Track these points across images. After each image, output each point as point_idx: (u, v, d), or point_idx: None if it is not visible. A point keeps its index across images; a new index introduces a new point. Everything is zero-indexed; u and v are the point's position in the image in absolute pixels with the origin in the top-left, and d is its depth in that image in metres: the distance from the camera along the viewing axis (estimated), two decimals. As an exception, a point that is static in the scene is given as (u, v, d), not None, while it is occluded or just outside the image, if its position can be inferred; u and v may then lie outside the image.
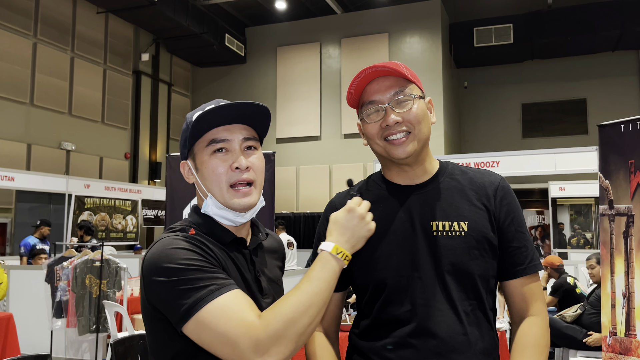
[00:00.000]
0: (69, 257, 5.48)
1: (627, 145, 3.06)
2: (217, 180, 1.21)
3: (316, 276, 1.12)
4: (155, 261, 1.08)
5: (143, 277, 1.12)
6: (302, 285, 1.11)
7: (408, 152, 1.30)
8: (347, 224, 1.21)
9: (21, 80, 10.16)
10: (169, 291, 1.05)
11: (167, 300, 1.06)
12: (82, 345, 5.58)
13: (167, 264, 1.06)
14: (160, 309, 1.08)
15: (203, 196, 1.24)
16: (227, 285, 1.06)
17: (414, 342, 1.25)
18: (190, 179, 1.27)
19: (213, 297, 1.03)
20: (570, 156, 6.11)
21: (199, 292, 1.03)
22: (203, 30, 12.69)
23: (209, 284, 1.04)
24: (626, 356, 2.97)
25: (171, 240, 1.12)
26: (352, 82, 1.32)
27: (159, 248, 1.11)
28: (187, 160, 1.26)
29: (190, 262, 1.07)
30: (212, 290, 1.04)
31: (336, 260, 1.16)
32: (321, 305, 1.10)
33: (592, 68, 14.09)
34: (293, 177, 13.53)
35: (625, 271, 3.01)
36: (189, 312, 1.03)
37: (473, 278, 1.28)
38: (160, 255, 1.09)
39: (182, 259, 1.07)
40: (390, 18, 13.26)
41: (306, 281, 1.11)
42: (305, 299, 1.07)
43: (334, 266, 1.15)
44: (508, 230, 1.34)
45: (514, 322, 1.38)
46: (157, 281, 1.06)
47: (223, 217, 1.23)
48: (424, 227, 1.31)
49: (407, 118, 1.29)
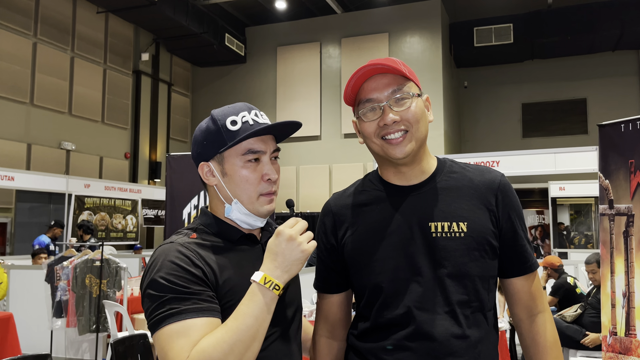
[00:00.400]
0: (69, 257, 5.48)
1: (627, 145, 3.05)
2: (248, 188, 1.23)
3: (243, 311, 1.10)
4: (149, 268, 1.16)
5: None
6: (228, 322, 1.09)
7: (406, 151, 1.27)
8: (276, 249, 1.16)
9: (21, 80, 10.16)
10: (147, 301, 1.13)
11: (144, 307, 1.14)
12: (82, 345, 5.58)
13: (154, 275, 1.13)
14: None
15: (225, 200, 1.25)
16: (190, 312, 1.08)
17: (412, 345, 1.24)
18: (211, 181, 1.26)
19: (171, 321, 1.08)
20: (570, 156, 6.11)
21: (163, 311, 1.09)
22: (203, 30, 12.69)
23: (175, 306, 1.09)
24: (626, 356, 2.97)
25: (169, 248, 1.17)
26: (350, 80, 1.30)
27: (158, 253, 1.17)
28: (210, 162, 1.26)
29: (170, 278, 1.11)
30: (173, 313, 1.08)
31: (263, 292, 1.12)
32: (249, 341, 1.08)
33: (592, 68, 14.09)
34: (293, 176, 13.54)
35: (625, 271, 3.01)
36: (152, 327, 1.10)
37: (473, 280, 1.27)
38: (154, 263, 1.15)
39: (164, 274, 1.11)
40: (391, 18, 13.26)
41: (232, 318, 1.10)
42: (229, 338, 1.06)
43: (261, 299, 1.11)
44: (510, 229, 1.33)
45: (519, 318, 1.38)
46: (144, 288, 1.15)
47: (245, 222, 1.25)
48: (422, 228, 1.28)
49: (405, 117, 1.27)
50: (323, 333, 1.42)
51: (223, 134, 1.23)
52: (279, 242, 1.16)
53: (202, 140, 1.26)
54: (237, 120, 1.24)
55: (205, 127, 1.27)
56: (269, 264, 1.16)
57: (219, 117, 1.25)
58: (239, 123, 1.23)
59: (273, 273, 1.14)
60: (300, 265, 1.17)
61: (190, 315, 1.08)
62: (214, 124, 1.25)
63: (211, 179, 1.26)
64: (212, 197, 1.29)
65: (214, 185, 1.26)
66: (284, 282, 1.15)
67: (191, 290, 1.10)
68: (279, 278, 1.14)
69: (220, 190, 1.26)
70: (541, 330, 1.34)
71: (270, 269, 1.15)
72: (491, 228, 1.30)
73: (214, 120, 1.25)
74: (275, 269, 1.15)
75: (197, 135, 1.29)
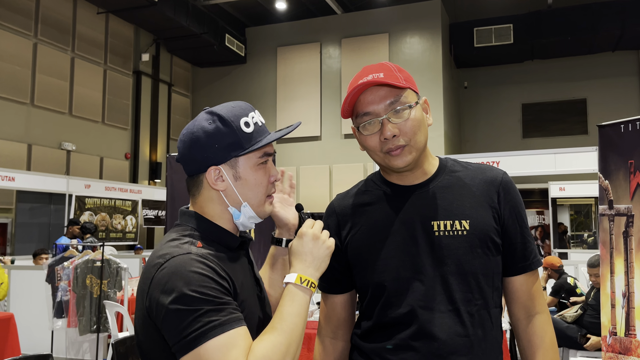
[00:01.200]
0: (69, 257, 5.49)
1: (627, 146, 3.06)
2: (260, 191, 1.22)
3: (288, 312, 1.12)
4: (168, 283, 1.05)
5: (149, 292, 1.08)
6: (277, 324, 1.10)
7: (407, 161, 1.28)
8: (303, 249, 1.19)
9: (21, 80, 10.16)
10: (176, 318, 1.03)
11: (171, 325, 1.04)
12: (82, 345, 5.59)
13: (180, 288, 1.03)
14: (162, 330, 1.07)
15: (231, 204, 1.20)
16: (232, 322, 1.05)
17: (415, 345, 1.24)
18: (219, 186, 1.19)
19: (215, 334, 1.02)
20: (570, 156, 6.12)
21: (203, 326, 1.02)
22: (203, 30, 12.69)
23: (215, 318, 1.03)
24: (626, 356, 2.97)
25: (187, 260, 1.08)
26: (347, 96, 1.29)
27: (172, 269, 1.07)
28: (222, 166, 1.19)
29: (203, 290, 1.04)
30: (215, 326, 1.02)
31: (302, 290, 1.15)
32: (299, 340, 1.11)
33: (592, 68, 14.09)
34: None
35: (625, 271, 3.01)
36: (190, 344, 1.02)
37: (477, 277, 1.27)
38: (174, 277, 1.05)
39: (196, 286, 1.04)
40: (391, 18, 13.26)
41: (280, 319, 1.11)
42: (283, 339, 1.07)
43: (302, 297, 1.14)
44: (512, 226, 1.33)
45: (517, 318, 1.37)
46: (165, 304, 1.04)
47: (245, 225, 1.24)
48: (424, 227, 1.28)
49: (403, 130, 1.27)
50: (327, 333, 1.43)
51: (239, 137, 1.18)
52: (305, 243, 1.20)
53: (212, 143, 1.17)
54: (249, 122, 1.20)
55: (214, 128, 1.17)
56: (299, 264, 1.18)
57: (231, 118, 1.18)
58: (251, 125, 1.20)
59: (306, 272, 1.17)
60: (327, 261, 1.20)
61: (233, 326, 1.04)
62: (226, 126, 1.17)
63: (220, 185, 1.19)
64: (210, 202, 1.21)
65: (219, 191, 1.20)
66: (316, 279, 1.18)
67: (225, 301, 1.06)
68: (312, 276, 1.18)
69: (228, 195, 1.20)
70: (538, 332, 1.33)
71: (302, 269, 1.17)
72: (494, 225, 1.30)
73: (225, 122, 1.17)
74: (307, 268, 1.18)
75: (200, 138, 1.17)
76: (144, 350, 1.16)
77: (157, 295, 1.06)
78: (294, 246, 1.21)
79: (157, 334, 1.10)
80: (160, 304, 1.05)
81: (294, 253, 1.21)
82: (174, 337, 1.04)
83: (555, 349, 1.34)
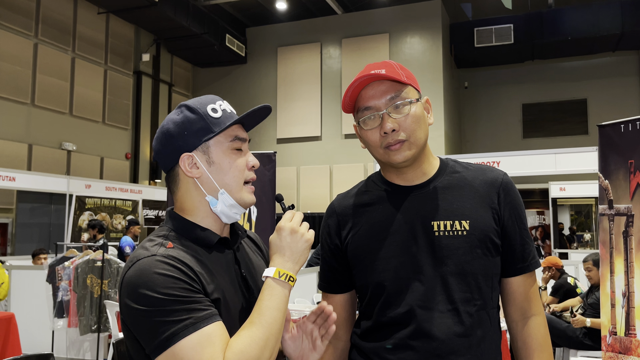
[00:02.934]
0: (70, 257, 5.49)
1: (627, 145, 3.06)
2: (237, 175, 1.20)
3: (267, 305, 1.11)
4: (133, 285, 1.05)
5: (120, 295, 1.09)
6: (256, 319, 1.09)
7: (406, 156, 1.29)
8: (281, 243, 1.18)
9: (22, 80, 10.17)
10: (145, 320, 1.03)
11: (142, 328, 1.04)
12: (83, 345, 5.59)
13: (145, 290, 1.03)
14: (135, 334, 1.07)
15: (208, 192, 1.20)
16: (204, 319, 1.04)
17: (414, 344, 1.24)
18: (194, 174, 1.19)
19: (187, 332, 1.02)
20: (570, 156, 6.12)
21: (174, 325, 1.02)
22: (204, 30, 12.70)
23: (185, 317, 1.02)
24: (626, 355, 2.98)
25: (151, 262, 1.07)
26: (348, 89, 1.30)
27: (138, 270, 1.07)
28: (193, 153, 1.19)
29: (169, 291, 1.03)
30: (186, 325, 1.02)
31: (281, 284, 1.14)
32: (278, 334, 1.10)
33: (593, 68, 14.10)
34: (293, 177, 13.54)
35: (625, 271, 3.02)
36: (162, 345, 1.02)
37: (477, 278, 1.27)
38: (139, 279, 1.05)
39: (161, 288, 1.03)
40: (391, 18, 13.27)
41: (258, 314, 1.10)
42: (262, 333, 1.07)
43: (280, 291, 1.13)
44: (512, 228, 1.33)
45: (512, 319, 1.37)
46: (134, 307, 1.04)
47: (227, 215, 1.21)
48: (424, 227, 1.29)
49: (403, 125, 1.28)
50: None
51: (207, 122, 1.18)
52: (283, 237, 1.19)
53: (181, 131, 1.19)
54: (216, 108, 1.21)
55: (182, 117, 1.20)
56: (278, 258, 1.17)
57: (198, 106, 1.20)
58: (219, 110, 1.21)
59: (284, 266, 1.16)
60: (306, 255, 1.19)
61: (206, 323, 1.04)
62: (194, 113, 1.19)
63: (194, 171, 1.19)
64: (187, 193, 1.21)
65: (194, 179, 1.20)
66: (295, 272, 1.17)
67: (194, 299, 1.05)
68: (291, 270, 1.17)
69: (204, 183, 1.20)
70: (533, 333, 1.33)
71: (280, 263, 1.17)
72: (493, 226, 1.30)
73: (192, 109, 1.20)
74: (285, 262, 1.17)
75: (170, 129, 1.20)
76: (130, 353, 1.16)
77: (126, 299, 1.06)
78: (272, 240, 1.20)
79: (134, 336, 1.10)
80: (129, 308, 1.05)
81: (272, 247, 1.20)
82: (145, 340, 1.04)
83: (550, 351, 1.35)
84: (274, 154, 5.27)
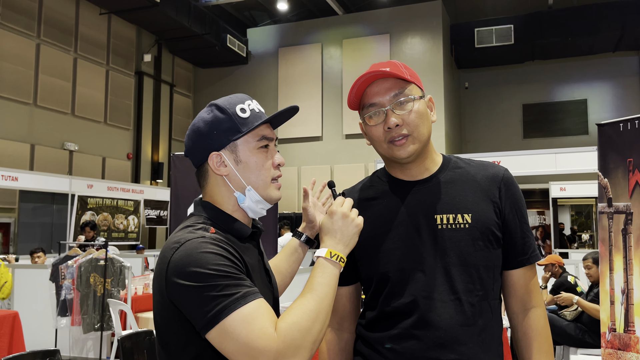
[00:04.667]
0: (73, 256, 5.53)
1: (626, 144, 3.10)
2: (264, 173, 1.25)
3: (319, 282, 1.16)
4: (184, 264, 1.08)
5: (166, 278, 1.11)
6: (307, 294, 1.14)
7: (409, 151, 1.33)
8: (333, 226, 1.25)
9: (24, 81, 10.21)
10: (196, 296, 1.06)
11: (192, 305, 1.07)
12: (86, 343, 5.63)
13: (196, 268, 1.07)
14: (184, 312, 1.09)
15: (236, 189, 1.24)
16: (252, 294, 1.08)
17: (417, 333, 1.28)
18: (222, 172, 1.24)
19: (238, 305, 1.05)
20: (570, 156, 6.14)
21: (225, 299, 1.05)
22: (205, 31, 12.74)
23: (235, 292, 1.06)
24: (625, 352, 3.01)
25: (199, 243, 1.11)
26: (353, 86, 1.35)
27: (186, 251, 1.10)
28: (222, 152, 1.24)
29: (218, 267, 1.07)
30: (237, 298, 1.05)
31: (332, 263, 1.20)
32: (328, 309, 1.14)
33: (593, 69, 14.12)
34: (295, 177, 13.57)
35: (624, 268, 3.05)
36: (214, 319, 1.04)
37: (479, 269, 1.31)
38: (190, 258, 1.08)
39: (212, 265, 1.07)
40: (392, 19, 13.30)
41: (310, 289, 1.15)
42: (313, 307, 1.11)
43: (332, 270, 1.19)
44: (512, 221, 1.37)
45: (513, 311, 1.41)
46: (183, 285, 1.07)
47: (253, 210, 1.26)
48: (428, 220, 1.33)
49: (407, 120, 1.32)
50: (332, 325, 1.46)
51: (236, 122, 1.23)
52: (335, 221, 1.25)
53: (210, 130, 1.23)
54: (245, 108, 1.25)
55: (212, 117, 1.24)
56: (329, 240, 1.24)
57: (227, 106, 1.24)
58: (247, 111, 1.25)
59: (336, 247, 1.22)
60: (356, 239, 1.25)
61: (254, 297, 1.07)
62: (223, 113, 1.23)
63: (222, 169, 1.24)
64: (217, 189, 1.26)
65: (223, 176, 1.24)
66: (345, 255, 1.23)
67: (241, 277, 1.10)
68: (342, 252, 1.23)
69: (232, 180, 1.24)
70: (534, 325, 1.37)
71: (332, 245, 1.23)
72: (495, 219, 1.34)
73: (222, 109, 1.24)
74: (337, 244, 1.23)
75: (200, 128, 1.24)
76: (162, 336, 1.18)
77: (175, 278, 1.09)
78: (324, 223, 1.26)
79: (176, 318, 1.12)
80: (179, 285, 1.08)
81: (324, 230, 1.26)
82: (196, 316, 1.07)
83: (549, 342, 1.38)
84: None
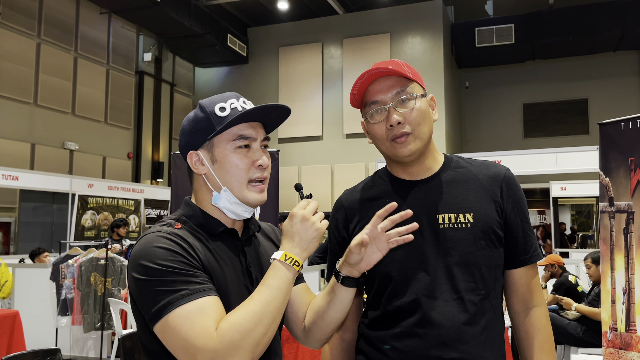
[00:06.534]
0: (74, 256, 5.53)
1: (627, 143, 3.09)
2: (238, 174, 1.23)
3: (268, 284, 1.14)
4: (136, 257, 1.13)
5: (128, 270, 1.16)
6: (255, 295, 1.12)
7: (411, 150, 1.33)
8: (291, 229, 1.22)
9: (25, 80, 10.21)
10: (144, 289, 1.09)
11: (141, 297, 1.10)
12: (87, 343, 5.63)
13: (145, 262, 1.10)
14: (138, 306, 1.13)
15: (214, 188, 1.25)
16: (200, 292, 1.08)
17: (420, 332, 1.28)
18: (200, 170, 1.25)
19: (182, 302, 1.06)
20: (571, 156, 6.14)
21: (170, 295, 1.06)
22: (205, 30, 12.73)
23: (181, 288, 1.07)
24: (626, 351, 3.01)
25: (154, 237, 1.14)
26: (355, 83, 1.35)
27: (141, 244, 1.14)
28: (199, 151, 1.25)
29: (166, 263, 1.09)
30: (182, 295, 1.06)
31: (286, 267, 1.17)
32: (276, 313, 1.12)
33: (594, 68, 14.12)
34: (295, 176, 13.57)
35: (626, 267, 3.04)
36: (158, 313, 1.07)
37: (480, 268, 1.31)
38: (142, 252, 1.12)
39: (160, 260, 1.10)
40: (392, 18, 13.30)
41: (259, 290, 1.13)
42: (258, 309, 1.09)
43: (284, 273, 1.16)
44: (514, 221, 1.37)
45: (515, 310, 1.41)
46: (135, 277, 1.11)
47: (232, 211, 1.25)
48: (430, 220, 1.33)
49: (408, 118, 1.32)
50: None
51: (212, 121, 1.23)
52: (293, 224, 1.23)
53: (190, 129, 1.25)
54: (225, 107, 1.23)
55: (194, 116, 1.26)
56: (287, 243, 1.21)
57: (207, 105, 1.25)
58: (228, 109, 1.23)
59: (292, 251, 1.20)
60: (316, 243, 1.23)
61: (201, 295, 1.08)
62: (202, 112, 1.24)
63: (200, 168, 1.25)
64: (199, 187, 1.28)
65: (202, 175, 1.26)
66: (302, 259, 1.21)
67: (192, 273, 1.10)
68: (299, 255, 1.20)
69: (209, 179, 1.25)
70: (536, 324, 1.37)
71: (289, 248, 1.21)
72: (496, 218, 1.35)
73: (202, 108, 1.25)
74: (293, 247, 1.21)
75: (184, 126, 1.28)
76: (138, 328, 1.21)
77: (130, 270, 1.13)
78: (284, 226, 1.24)
79: (138, 309, 1.15)
80: (131, 279, 1.13)
81: (283, 232, 1.24)
82: (144, 309, 1.10)
83: (551, 341, 1.38)
84: (277, 152, 5.30)
